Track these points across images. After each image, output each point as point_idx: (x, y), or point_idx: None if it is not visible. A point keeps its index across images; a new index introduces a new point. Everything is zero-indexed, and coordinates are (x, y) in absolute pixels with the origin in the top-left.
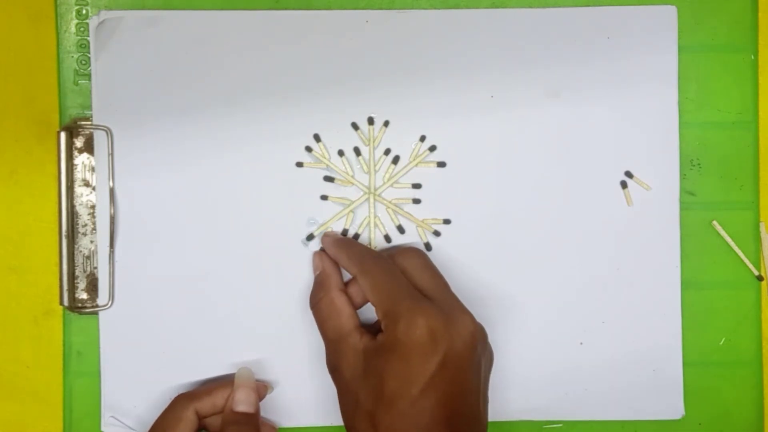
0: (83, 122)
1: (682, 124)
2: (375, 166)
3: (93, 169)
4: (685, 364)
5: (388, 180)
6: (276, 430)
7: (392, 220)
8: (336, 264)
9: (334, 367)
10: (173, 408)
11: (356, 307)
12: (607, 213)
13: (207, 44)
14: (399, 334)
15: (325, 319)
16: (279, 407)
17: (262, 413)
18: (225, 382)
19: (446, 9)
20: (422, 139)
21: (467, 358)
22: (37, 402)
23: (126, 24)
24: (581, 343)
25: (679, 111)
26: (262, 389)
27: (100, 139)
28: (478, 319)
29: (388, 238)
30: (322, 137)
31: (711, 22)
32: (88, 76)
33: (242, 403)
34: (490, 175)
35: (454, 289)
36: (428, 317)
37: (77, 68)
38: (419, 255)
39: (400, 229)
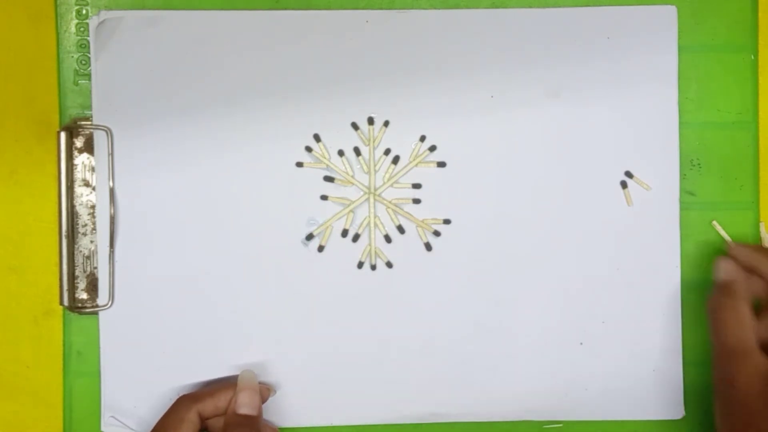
0: (83, 122)
1: (682, 124)
2: (375, 166)
3: (93, 169)
4: (685, 364)
5: (388, 180)
6: (276, 431)
7: (392, 220)
8: (747, 275)
9: (727, 379)
10: (176, 409)
11: (757, 337)
12: (607, 213)
13: (207, 44)
14: None
15: (726, 325)
16: (280, 407)
17: (264, 413)
18: (227, 383)
19: (446, 9)
20: (422, 139)
21: None
22: (37, 402)
23: (126, 24)
24: (581, 343)
25: (679, 111)
26: (264, 392)
27: (100, 139)
28: (478, 318)
29: (388, 238)
30: (322, 137)
31: (711, 22)
32: (88, 76)
33: (245, 405)
34: (490, 175)
35: (453, 289)
36: None
37: (77, 68)
38: None
39: (400, 229)
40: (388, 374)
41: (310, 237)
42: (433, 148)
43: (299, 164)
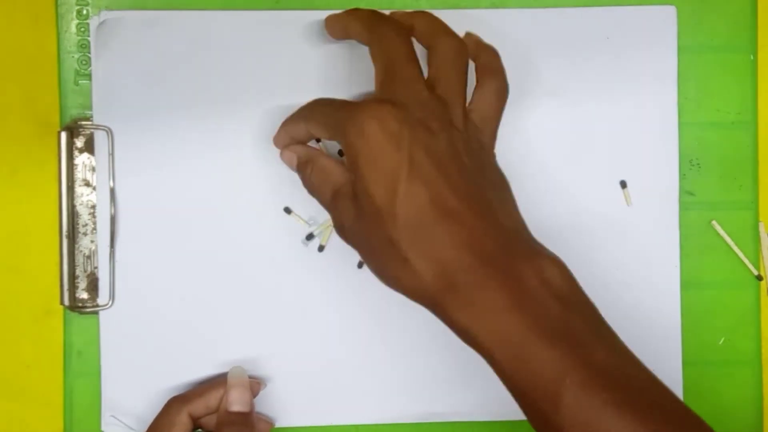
0: (84, 122)
1: (682, 124)
2: None
3: (93, 169)
4: (684, 363)
5: None
6: (272, 425)
7: None
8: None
9: (340, 226)
10: (167, 412)
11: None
12: (606, 213)
13: (207, 44)
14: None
15: (316, 187)
16: (277, 407)
17: (258, 411)
18: (217, 382)
19: (446, 9)
20: None
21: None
22: (37, 402)
23: (126, 24)
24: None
25: (679, 111)
26: (255, 386)
27: (100, 139)
28: None
29: None
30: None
31: (711, 22)
32: (89, 76)
33: (236, 402)
34: None
35: None
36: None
37: (78, 68)
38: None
39: None
40: (387, 373)
41: (310, 237)
42: None
43: None
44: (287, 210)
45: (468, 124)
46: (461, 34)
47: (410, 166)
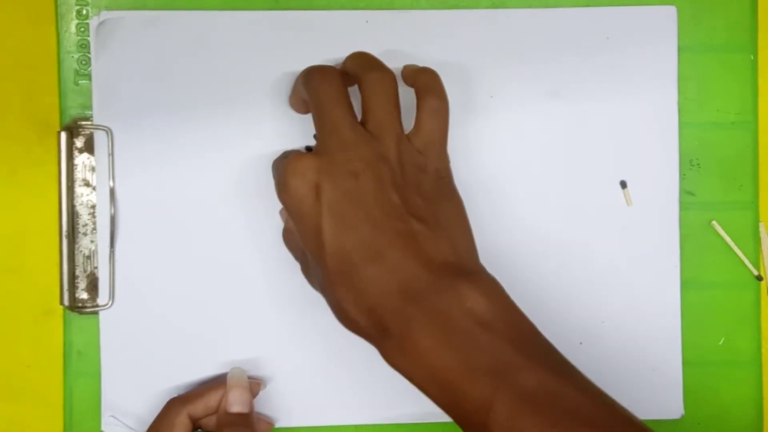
0: (83, 122)
1: (682, 124)
2: None
3: (93, 169)
4: (684, 363)
5: None
6: (272, 425)
7: None
8: None
9: (307, 277)
10: (166, 413)
11: None
12: (606, 213)
13: (207, 44)
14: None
15: (290, 248)
16: (277, 407)
17: (258, 411)
18: (216, 383)
19: (446, 9)
20: None
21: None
22: (37, 402)
23: (126, 24)
24: (581, 343)
25: (679, 111)
26: (254, 387)
27: (100, 139)
28: None
29: None
30: None
31: (711, 22)
32: (89, 76)
33: (236, 403)
34: (489, 174)
35: None
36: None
37: (77, 68)
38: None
39: None
40: (387, 374)
41: None
42: None
43: None
44: None
45: (404, 153)
46: (461, 33)
47: (330, 216)
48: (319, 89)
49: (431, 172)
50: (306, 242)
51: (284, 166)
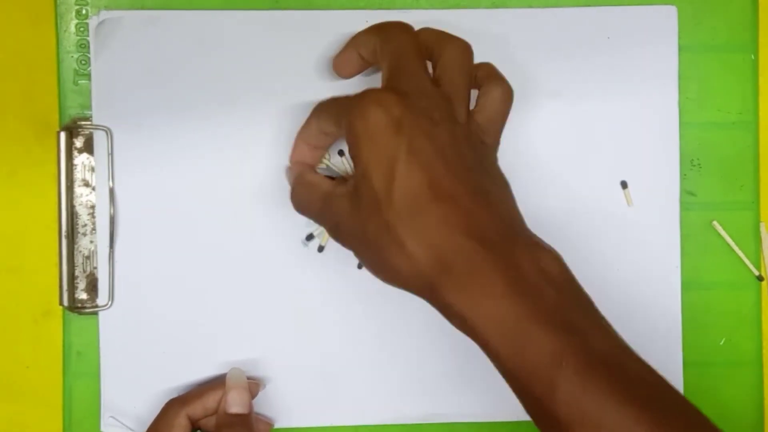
0: (83, 122)
1: (683, 124)
2: None
3: (93, 169)
4: (685, 364)
5: None
6: (271, 426)
7: None
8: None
9: (334, 226)
10: (165, 414)
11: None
12: (607, 213)
13: (207, 44)
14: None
15: (304, 200)
16: (277, 407)
17: (257, 411)
18: (215, 384)
19: (446, 9)
20: None
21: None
22: (36, 402)
23: (126, 24)
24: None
25: (680, 111)
26: (253, 387)
27: (99, 139)
28: None
29: None
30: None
31: (711, 22)
32: (88, 76)
33: (235, 404)
34: None
35: None
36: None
37: (77, 68)
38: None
39: None
40: (387, 374)
41: (310, 237)
42: None
43: None
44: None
45: (471, 122)
46: (461, 33)
47: (409, 150)
48: (401, 39)
49: (490, 148)
50: (371, 174)
51: (365, 95)
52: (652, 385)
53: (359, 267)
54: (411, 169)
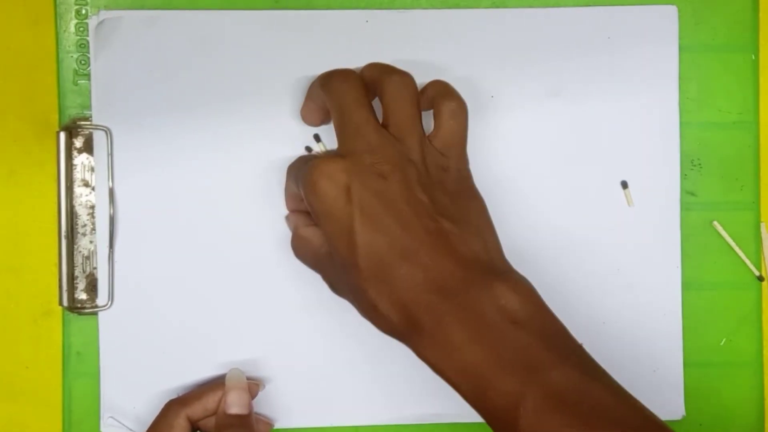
0: (83, 122)
1: (683, 124)
2: None
3: (92, 170)
4: (685, 364)
5: None
6: (271, 426)
7: None
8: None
9: (329, 284)
10: (165, 416)
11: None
12: (607, 213)
13: (207, 44)
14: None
15: (300, 254)
16: (277, 407)
17: (257, 411)
18: (215, 384)
19: (446, 9)
20: None
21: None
22: (36, 402)
23: (126, 24)
24: (581, 343)
25: (680, 111)
26: (253, 388)
27: (99, 139)
28: None
29: None
30: (322, 137)
31: (711, 22)
32: (88, 76)
33: (235, 405)
34: (490, 174)
35: None
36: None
37: (77, 68)
38: (395, 82)
39: None
40: (387, 374)
41: None
42: None
43: None
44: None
45: (427, 154)
46: (461, 33)
47: (362, 216)
48: (341, 91)
49: (453, 172)
50: (336, 245)
51: (312, 169)
52: (618, 413)
53: None
54: (367, 234)
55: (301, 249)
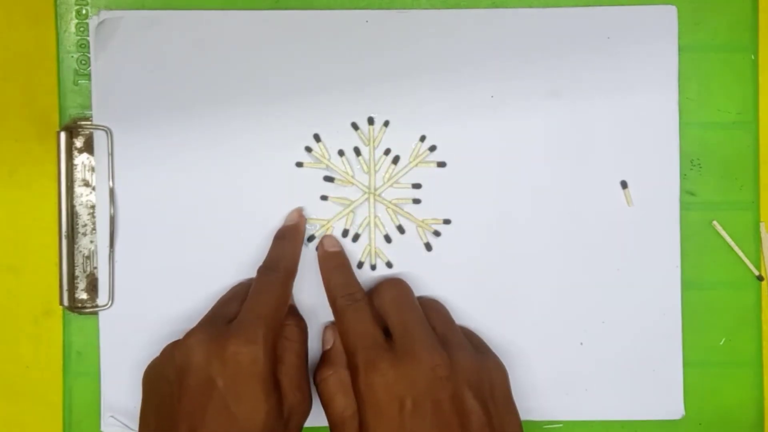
0: (83, 122)
1: (683, 124)
2: (375, 166)
3: (93, 169)
4: (685, 364)
5: (388, 180)
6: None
7: (392, 220)
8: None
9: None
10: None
11: None
12: (607, 213)
13: (207, 44)
14: (361, 390)
15: (332, 396)
16: None
17: None
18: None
19: (446, 9)
20: (422, 139)
21: (435, 393)
22: (36, 402)
23: (126, 24)
24: (581, 343)
25: (680, 111)
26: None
27: (99, 139)
28: (478, 318)
29: (388, 238)
30: (322, 137)
31: (711, 21)
32: (88, 76)
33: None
34: (490, 175)
35: (453, 289)
36: (380, 371)
37: (77, 68)
38: (391, 287)
39: (400, 229)
40: None
41: (311, 238)
42: (433, 148)
43: (299, 164)
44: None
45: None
46: (461, 33)
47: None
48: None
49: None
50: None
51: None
52: None
53: (359, 267)
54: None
55: (335, 394)
